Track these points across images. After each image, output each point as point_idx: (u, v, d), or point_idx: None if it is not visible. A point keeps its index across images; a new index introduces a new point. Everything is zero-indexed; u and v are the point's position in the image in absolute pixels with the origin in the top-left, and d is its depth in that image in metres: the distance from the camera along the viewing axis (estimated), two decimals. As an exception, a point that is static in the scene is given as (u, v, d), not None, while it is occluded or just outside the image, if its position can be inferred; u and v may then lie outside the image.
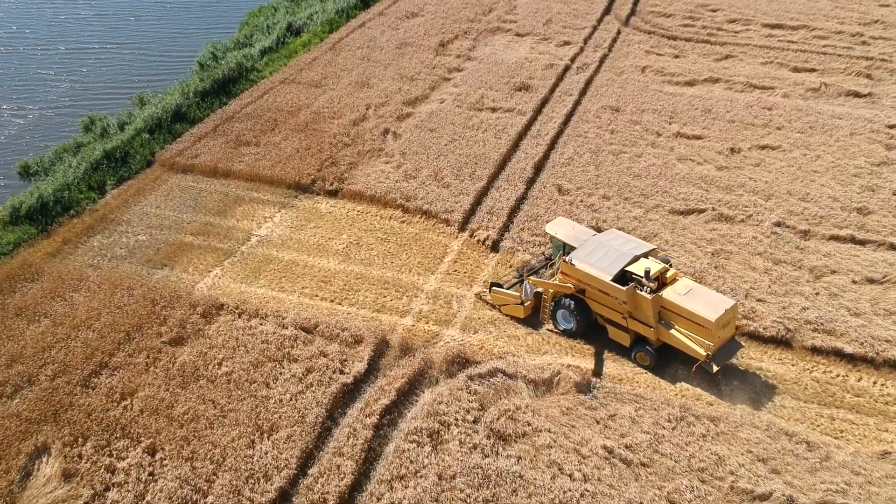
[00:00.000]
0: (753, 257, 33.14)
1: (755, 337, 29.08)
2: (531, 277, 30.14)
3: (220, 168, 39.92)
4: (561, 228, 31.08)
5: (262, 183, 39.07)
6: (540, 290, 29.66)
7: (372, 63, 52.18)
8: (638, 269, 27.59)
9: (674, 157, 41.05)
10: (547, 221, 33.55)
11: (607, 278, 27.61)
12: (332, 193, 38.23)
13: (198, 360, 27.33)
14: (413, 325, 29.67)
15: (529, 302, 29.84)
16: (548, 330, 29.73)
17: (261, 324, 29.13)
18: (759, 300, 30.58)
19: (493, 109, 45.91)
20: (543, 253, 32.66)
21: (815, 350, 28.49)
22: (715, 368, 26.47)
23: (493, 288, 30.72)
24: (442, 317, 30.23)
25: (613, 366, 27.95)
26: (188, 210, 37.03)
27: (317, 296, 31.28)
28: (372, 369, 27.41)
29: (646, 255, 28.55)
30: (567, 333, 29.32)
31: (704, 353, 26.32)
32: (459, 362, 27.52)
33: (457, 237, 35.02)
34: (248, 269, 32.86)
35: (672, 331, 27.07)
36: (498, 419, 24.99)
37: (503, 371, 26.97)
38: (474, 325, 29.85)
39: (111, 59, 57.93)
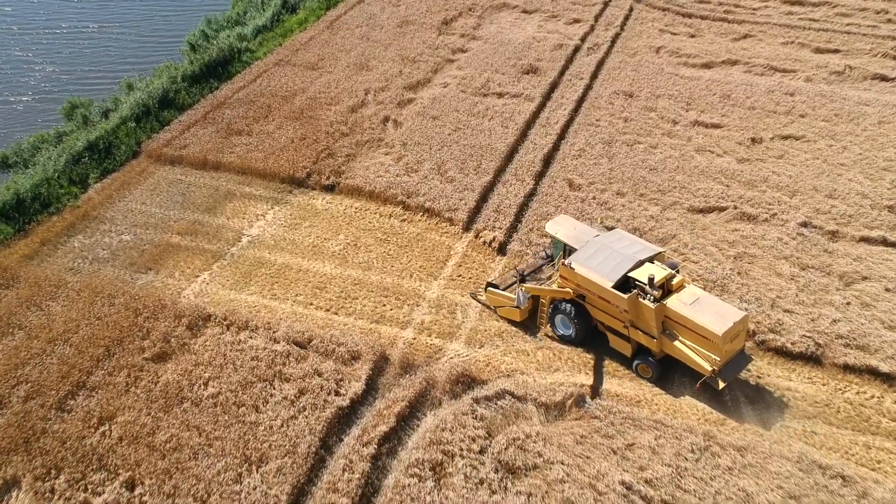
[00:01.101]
0: (779, 261, 30.93)
1: (782, 353, 26.98)
2: (525, 284, 28.11)
3: (209, 160, 37.59)
4: (562, 228, 29.00)
5: (254, 176, 36.79)
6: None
7: (371, 43, 49.55)
8: (642, 275, 25.57)
9: (691, 147, 38.66)
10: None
11: (608, 285, 25.63)
12: (329, 188, 35.96)
13: (182, 379, 25.31)
14: (414, 339, 27.61)
15: (526, 305, 27.90)
16: (545, 335, 27.86)
17: (250, 337, 27.07)
18: (786, 311, 28.44)
19: (500, 95, 43.43)
20: (545, 250, 30.46)
21: (848, 368, 26.39)
22: (721, 384, 24.60)
23: (489, 288, 28.76)
24: (445, 328, 28.15)
25: (630, 385, 25.92)
26: (175, 206, 34.81)
27: (311, 304, 29.18)
28: (370, 389, 25.42)
29: (651, 260, 26.51)
30: (565, 340, 27.49)
31: (710, 369, 24.45)
32: (464, 382, 25.51)
33: (461, 238, 32.82)
34: (238, 274, 30.73)
35: (676, 342, 25.19)
36: (506, 449, 22.99)
37: (511, 393, 24.94)
38: (480, 337, 27.79)
39: (97, 41, 55.22)
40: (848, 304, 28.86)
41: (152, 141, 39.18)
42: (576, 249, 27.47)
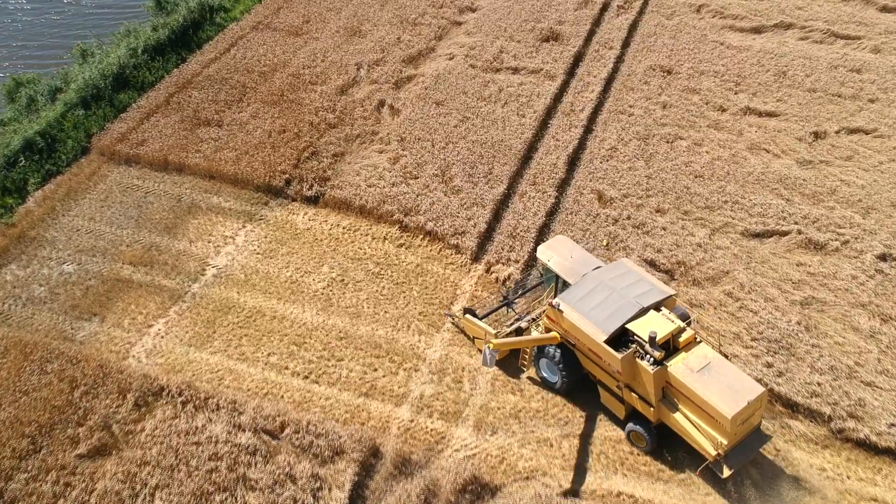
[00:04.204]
0: (855, 310, 25.47)
1: (865, 446, 21.87)
2: (493, 340, 22.80)
3: (171, 160, 31.76)
4: (556, 254, 23.91)
5: (223, 183, 31.07)
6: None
7: (365, 0, 42.70)
8: (642, 328, 20.71)
9: (743, 144, 32.60)
10: (587, 249, 25.64)
11: (600, 338, 20.90)
12: (312, 200, 30.27)
13: (123, 487, 20.41)
14: (412, 422, 22.52)
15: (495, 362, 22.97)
16: (528, 378, 23.45)
17: (210, 422, 22.02)
18: (867, 384, 23.18)
19: (515, 70, 37.03)
20: (541, 270, 25.09)
21: (948, 469, 21.39)
22: (726, 472, 19.95)
23: (466, 315, 24.20)
24: (450, 405, 23.03)
25: (679, 493, 20.90)
26: (129, 223, 29.25)
27: (286, 368, 24.01)
28: (356, 498, 20.55)
29: (658, 306, 21.53)
30: (549, 386, 23.07)
31: (714, 453, 19.85)
32: (473, 490, 20.58)
33: (469, 272, 27.34)
34: (199, 323, 25.44)
35: (677, 414, 20.50)
36: None
37: (532, 512, 20.02)
38: (492, 418, 22.68)
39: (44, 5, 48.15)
40: (943, 373, 23.59)
41: (105, 134, 33.20)
42: (570, 284, 22.70)
